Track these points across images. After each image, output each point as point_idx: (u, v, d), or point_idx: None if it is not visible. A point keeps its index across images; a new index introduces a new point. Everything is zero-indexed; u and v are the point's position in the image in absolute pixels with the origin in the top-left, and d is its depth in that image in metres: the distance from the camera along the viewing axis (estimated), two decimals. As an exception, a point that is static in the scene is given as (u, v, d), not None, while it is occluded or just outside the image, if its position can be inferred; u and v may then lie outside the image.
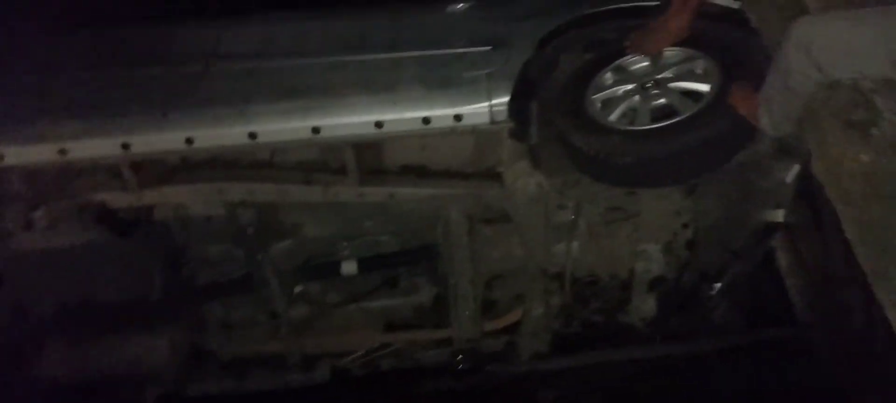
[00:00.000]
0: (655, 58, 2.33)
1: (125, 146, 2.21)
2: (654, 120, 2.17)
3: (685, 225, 2.70)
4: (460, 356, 3.13)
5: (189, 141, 2.22)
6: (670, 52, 2.31)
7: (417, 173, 2.56)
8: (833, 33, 1.59)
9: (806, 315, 3.17)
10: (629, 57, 2.36)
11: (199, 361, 3.17)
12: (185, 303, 3.03)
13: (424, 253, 2.96)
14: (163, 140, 2.24)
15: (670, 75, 2.29)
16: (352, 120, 2.26)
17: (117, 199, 2.42)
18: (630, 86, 2.32)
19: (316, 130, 2.25)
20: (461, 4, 2.85)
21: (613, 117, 2.29)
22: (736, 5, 2.39)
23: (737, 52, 2.17)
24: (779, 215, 2.64)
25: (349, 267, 2.92)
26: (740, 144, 2.18)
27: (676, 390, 2.99)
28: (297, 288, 3.03)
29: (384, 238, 2.95)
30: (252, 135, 2.22)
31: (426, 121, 2.27)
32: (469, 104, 2.27)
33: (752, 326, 3.13)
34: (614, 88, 2.34)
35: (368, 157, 2.50)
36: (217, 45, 2.25)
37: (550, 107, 2.31)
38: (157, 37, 2.31)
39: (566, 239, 2.79)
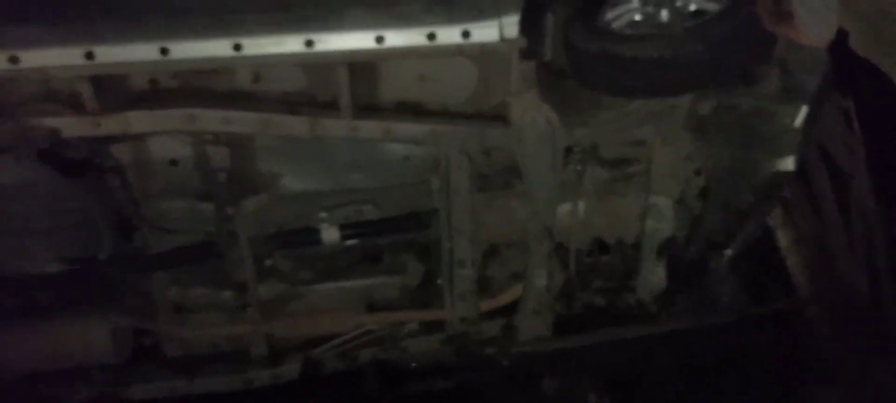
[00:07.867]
0: None
1: (89, 55, 2.02)
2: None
3: (697, 172, 2.68)
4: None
5: (164, 51, 2.07)
6: None
7: (414, 110, 2.45)
8: None
9: (806, 289, 3.19)
10: None
11: (144, 355, 2.79)
12: (134, 278, 2.69)
13: (413, 221, 2.80)
14: (134, 50, 2.07)
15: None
16: (350, 32, 2.16)
17: (71, 127, 2.18)
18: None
19: (309, 43, 2.14)
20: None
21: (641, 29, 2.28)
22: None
23: None
24: (789, 163, 2.63)
25: (330, 235, 2.72)
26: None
27: (680, 368, 2.91)
28: (269, 261, 2.76)
29: (367, 207, 2.77)
30: (237, 47, 2.09)
31: (432, 36, 2.20)
32: (477, 20, 2.22)
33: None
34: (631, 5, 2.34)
35: (362, 91, 2.39)
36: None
37: (567, 28, 2.28)
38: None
39: (572, 197, 2.71)
